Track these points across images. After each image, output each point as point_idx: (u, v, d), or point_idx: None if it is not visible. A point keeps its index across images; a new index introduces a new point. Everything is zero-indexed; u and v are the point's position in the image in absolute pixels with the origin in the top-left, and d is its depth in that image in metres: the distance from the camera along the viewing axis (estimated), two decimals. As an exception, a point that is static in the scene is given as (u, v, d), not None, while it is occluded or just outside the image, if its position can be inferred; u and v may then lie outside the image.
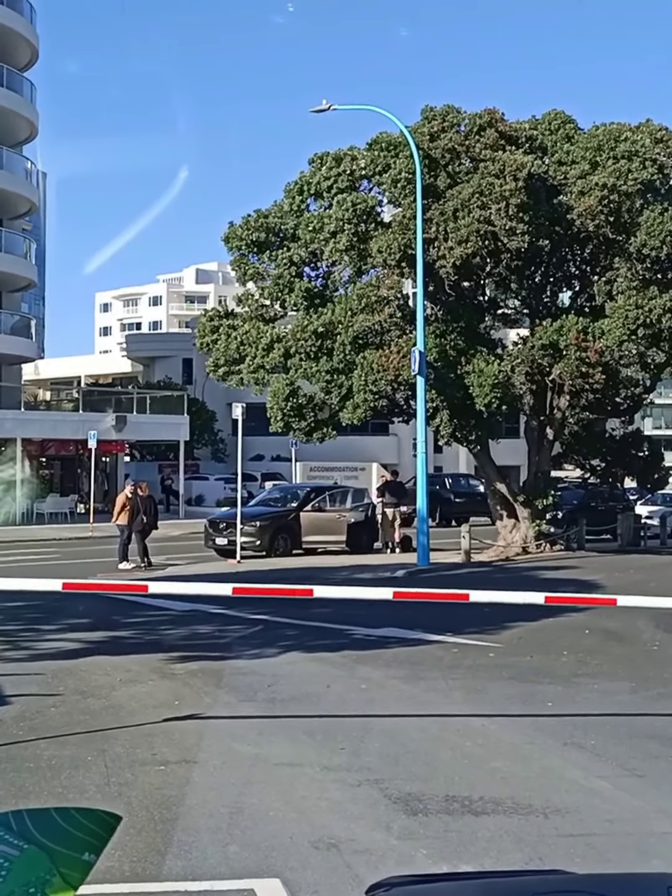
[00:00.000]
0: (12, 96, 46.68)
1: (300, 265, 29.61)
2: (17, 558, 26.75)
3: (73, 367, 71.90)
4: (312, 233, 28.66)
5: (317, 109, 26.98)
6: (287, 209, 29.75)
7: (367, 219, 28.28)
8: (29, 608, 16.45)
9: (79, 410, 46.52)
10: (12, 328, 49.39)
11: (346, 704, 10.42)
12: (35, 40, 49.14)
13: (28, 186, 49.86)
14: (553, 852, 6.25)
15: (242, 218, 29.87)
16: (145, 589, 9.68)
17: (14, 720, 9.63)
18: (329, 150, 29.73)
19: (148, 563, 24.63)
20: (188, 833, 6.56)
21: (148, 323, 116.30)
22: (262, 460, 55.35)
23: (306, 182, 29.49)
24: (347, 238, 27.84)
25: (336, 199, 28.45)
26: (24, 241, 50.80)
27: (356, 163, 29.24)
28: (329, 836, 6.47)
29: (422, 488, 26.10)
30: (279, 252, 29.47)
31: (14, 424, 41.92)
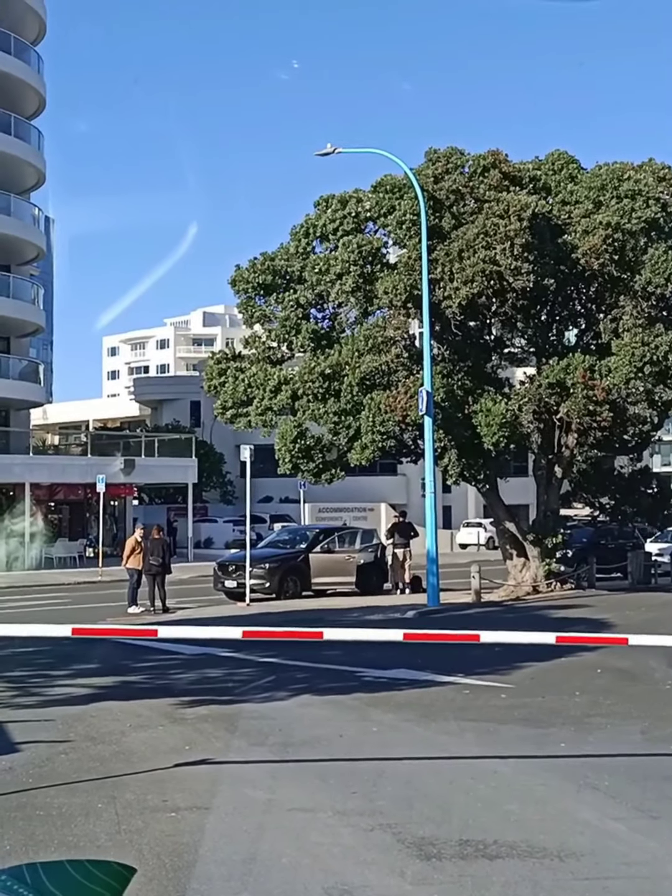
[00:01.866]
0: (20, 144, 47.13)
1: (307, 307, 29.74)
2: (27, 604, 26.72)
3: (81, 411, 72.12)
4: (318, 275, 28.81)
5: (322, 153, 27.19)
6: (293, 252, 29.92)
7: (373, 260, 28.44)
8: (39, 654, 16.41)
9: (87, 454, 46.64)
10: (20, 373, 49.58)
11: (359, 748, 10.35)
12: (42, 89, 49.65)
13: (36, 233, 50.21)
14: (569, 897, 6.19)
15: (249, 261, 30.04)
16: (155, 633, 9.65)
17: (24, 768, 9.58)
18: (334, 193, 29.96)
19: (164, 609, 24.47)
20: (200, 881, 6.51)
21: (155, 366, 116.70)
22: (271, 502, 55.35)
23: (312, 225, 29.69)
24: (353, 279, 27.98)
25: (342, 241, 28.63)
26: (31, 287, 51.10)
27: (361, 205, 29.46)
28: (342, 883, 6.40)
29: (431, 528, 26.03)
30: (286, 294, 29.62)
31: (23, 469, 42.02)
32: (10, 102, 46.64)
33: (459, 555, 49.41)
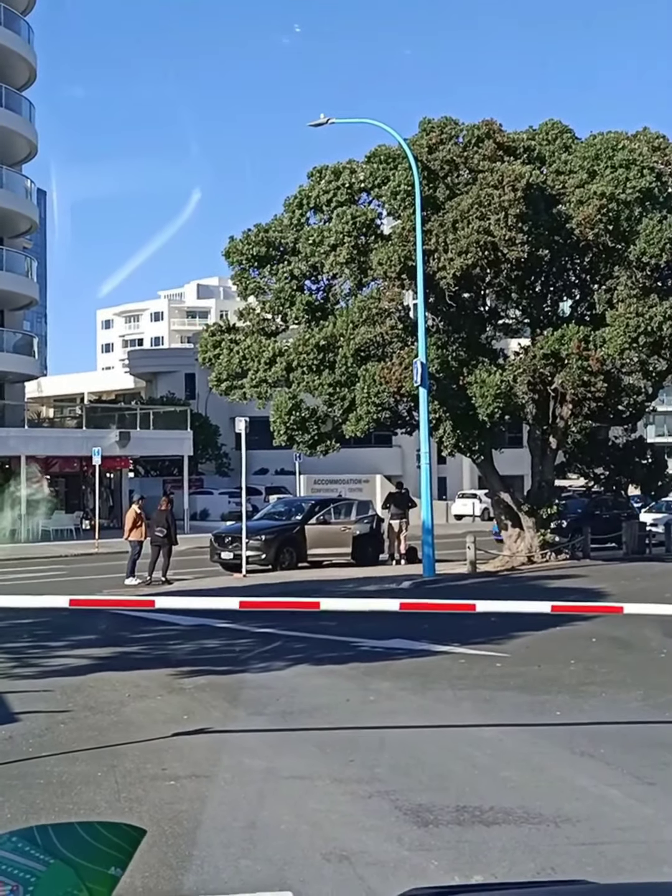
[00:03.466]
0: (11, 116, 46.87)
1: (301, 279, 29.67)
2: (23, 576, 26.77)
3: (76, 384, 72.01)
4: (313, 246, 28.73)
5: (315, 123, 27.07)
6: (287, 223, 29.82)
7: (367, 231, 28.36)
8: (37, 625, 16.47)
9: (82, 427, 46.64)
10: (14, 346, 49.48)
11: (356, 717, 10.42)
12: (33, 60, 49.33)
13: (28, 205, 50.02)
14: (565, 861, 6.26)
15: (243, 233, 29.94)
16: (152, 604, 9.71)
17: (23, 737, 9.64)
18: (328, 164, 29.83)
19: (165, 580, 24.50)
20: (200, 848, 6.57)
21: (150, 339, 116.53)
22: (266, 474, 55.39)
23: (305, 196, 29.57)
24: (347, 251, 27.91)
25: (336, 213, 28.54)
26: (24, 260, 50.94)
27: (355, 176, 29.34)
28: (341, 849, 6.47)
29: (426, 500, 26.09)
30: (280, 266, 29.54)
31: (18, 442, 42.01)
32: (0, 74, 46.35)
33: (455, 526, 49.55)
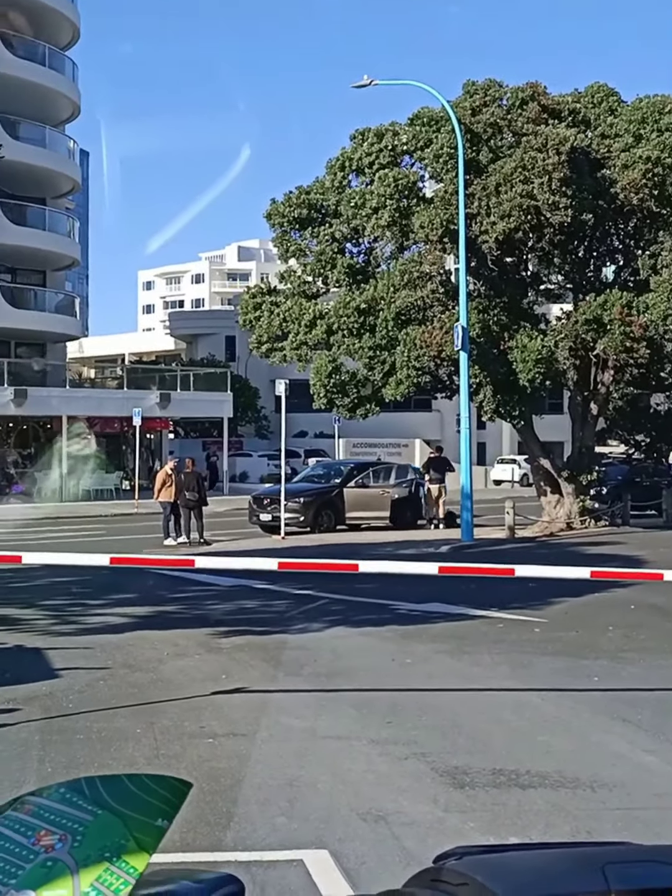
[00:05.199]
0: (54, 75, 46.79)
1: (342, 241, 29.56)
2: (64, 534, 27.01)
3: (117, 344, 72.32)
4: (354, 209, 28.59)
5: (358, 85, 26.86)
6: (329, 185, 29.68)
7: (409, 194, 28.18)
8: (76, 583, 16.64)
9: (123, 388, 46.82)
10: (56, 307, 49.66)
11: (393, 679, 10.47)
12: (76, 19, 49.17)
13: (71, 165, 50.03)
14: (601, 826, 6.27)
15: (284, 195, 29.83)
16: (192, 564, 9.78)
17: (63, 693, 9.76)
18: (370, 126, 29.63)
19: (202, 541, 24.70)
20: (237, 805, 6.64)
21: (190, 300, 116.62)
22: (306, 437, 55.45)
23: (348, 158, 29.40)
24: (389, 214, 27.75)
25: (378, 175, 28.36)
26: (67, 220, 51.02)
27: (398, 138, 29.13)
28: (377, 809, 6.52)
29: (465, 464, 26.05)
30: (321, 228, 29.44)
31: (60, 402, 42.28)
32: (43, 33, 46.29)
33: (493, 491, 49.41)
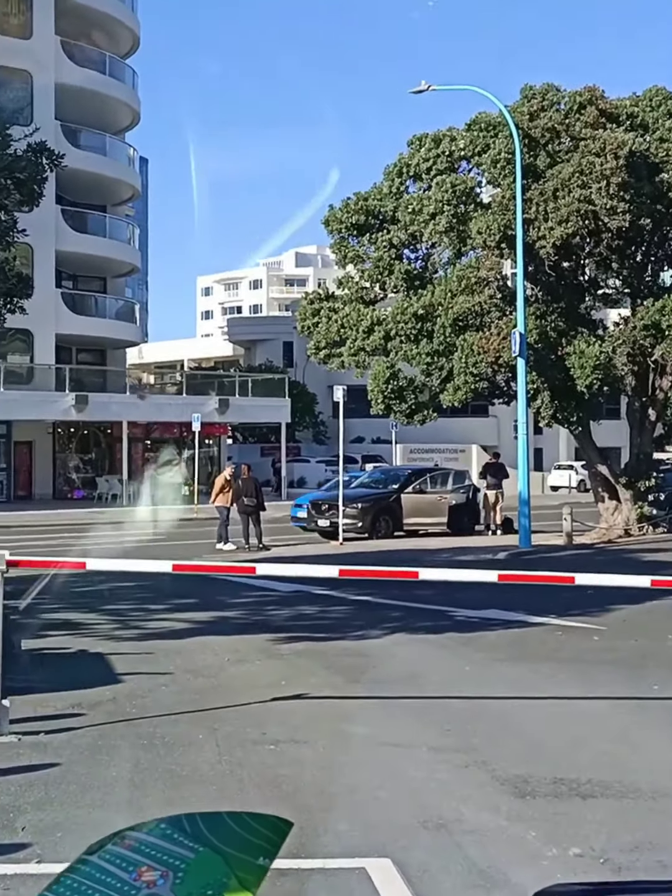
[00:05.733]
0: (114, 83, 47.36)
1: (400, 247, 29.61)
2: (124, 539, 27.28)
3: (176, 350, 72.86)
4: (412, 215, 28.63)
5: (416, 90, 26.94)
6: (386, 191, 29.74)
7: (467, 200, 28.18)
8: (138, 588, 16.82)
9: (182, 394, 47.21)
10: (117, 313, 50.22)
11: (452, 686, 10.50)
12: (136, 27, 49.71)
13: (131, 173, 50.58)
14: (663, 836, 6.27)
15: (342, 201, 29.95)
16: (253, 571, 9.89)
17: (127, 698, 9.90)
18: (428, 132, 29.66)
19: (261, 546, 24.85)
20: (300, 811, 6.70)
21: (248, 306, 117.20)
22: (363, 442, 55.52)
23: (405, 164, 29.46)
24: (447, 219, 27.77)
25: (435, 181, 28.39)
26: (127, 227, 51.57)
27: (455, 143, 29.13)
28: (438, 817, 6.56)
29: (523, 470, 25.99)
30: (379, 235, 29.51)
31: (120, 408, 42.73)
32: (103, 41, 46.85)
33: (550, 497, 49.17)
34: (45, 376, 43.06)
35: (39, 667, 11.23)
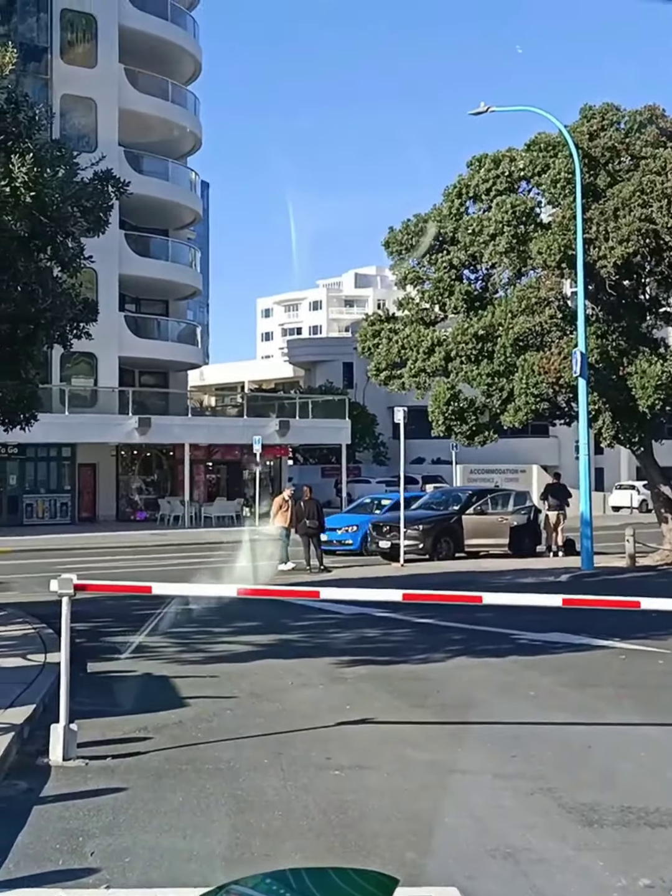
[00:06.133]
0: (177, 109, 47.92)
1: (460, 268, 29.60)
2: (187, 560, 27.50)
3: (237, 372, 73.32)
4: (472, 235, 28.62)
5: (475, 112, 26.98)
6: (446, 212, 29.76)
7: (527, 220, 28.12)
8: (202, 610, 16.91)
9: (243, 416, 47.48)
10: (179, 335, 50.69)
11: (517, 711, 10.45)
12: (198, 54, 50.33)
13: (192, 197, 51.11)
14: (733, 867, 6.20)
15: (402, 223, 30.03)
16: (317, 595, 9.93)
17: (192, 722, 9.96)
18: (487, 153, 29.67)
19: (321, 568, 24.89)
20: (365, 838, 6.71)
21: (308, 327, 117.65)
22: (423, 463, 55.46)
23: (465, 185, 29.47)
24: (507, 240, 27.72)
25: (495, 201, 28.37)
26: (189, 251, 52.08)
27: (514, 164, 29.09)
28: (505, 845, 6.53)
29: (585, 491, 25.81)
30: (439, 255, 29.53)
31: (182, 430, 43.07)
32: (166, 68, 47.45)
33: (612, 517, 48.77)
34: (109, 399, 43.55)
35: (106, 690, 11.35)
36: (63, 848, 6.52)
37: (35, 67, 42.36)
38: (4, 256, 13.63)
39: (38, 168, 13.35)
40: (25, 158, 13.23)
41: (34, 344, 15.45)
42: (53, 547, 31.92)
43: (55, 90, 42.27)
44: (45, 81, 42.63)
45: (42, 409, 18.05)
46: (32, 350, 15.65)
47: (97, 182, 15.34)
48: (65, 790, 7.75)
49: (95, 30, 44.45)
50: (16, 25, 42.38)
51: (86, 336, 15.97)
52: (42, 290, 14.42)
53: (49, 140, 16.03)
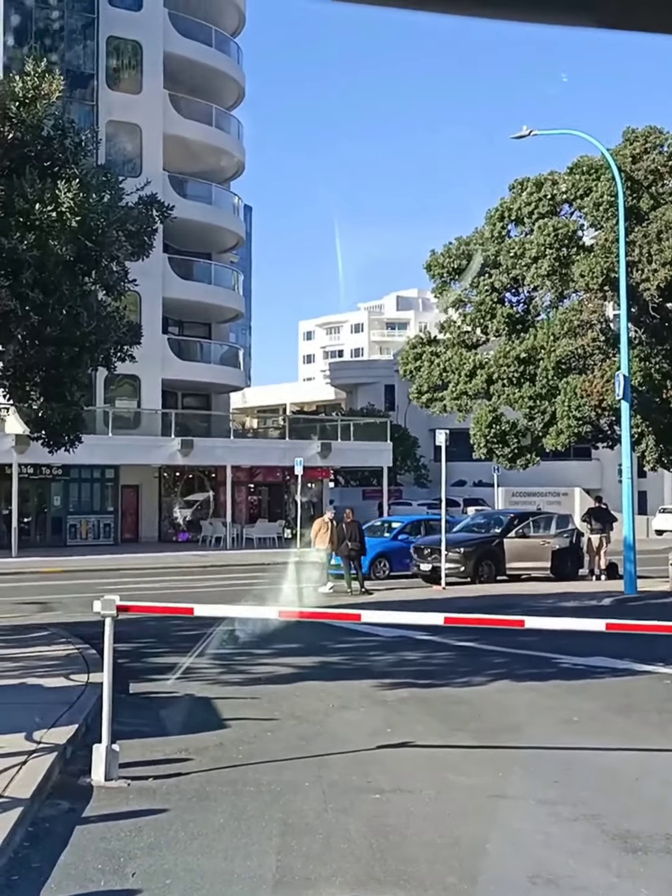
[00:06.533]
0: (221, 134, 48.35)
1: (501, 291, 29.66)
2: (228, 582, 27.56)
3: (279, 394, 73.57)
4: (514, 259, 28.67)
5: (518, 136, 26.98)
6: (488, 236, 29.85)
7: (569, 243, 28.13)
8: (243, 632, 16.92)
9: (285, 438, 47.59)
10: (221, 358, 50.96)
11: (559, 737, 10.37)
12: (241, 79, 50.76)
13: (235, 221, 51.44)
14: None
15: (444, 246, 30.13)
16: (358, 618, 9.92)
17: (233, 744, 9.96)
18: (529, 176, 29.71)
19: (363, 590, 24.87)
20: (406, 863, 6.68)
21: (350, 350, 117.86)
22: (464, 486, 55.34)
23: (507, 208, 29.55)
24: (549, 263, 27.75)
25: (537, 225, 28.41)
26: (231, 274, 52.38)
27: (557, 187, 29.15)
28: (547, 872, 6.48)
29: (628, 515, 25.63)
30: (481, 279, 29.58)
31: (224, 452, 43.23)
32: (210, 94, 47.91)
33: (655, 541, 48.36)
34: (152, 421, 43.81)
35: (147, 711, 11.39)
36: (105, 868, 6.54)
37: (81, 94, 42.92)
38: (50, 280, 13.78)
39: (84, 193, 13.52)
40: (72, 184, 13.39)
41: (79, 366, 15.59)
42: (96, 568, 32.11)
43: (101, 116, 42.74)
44: (90, 108, 43.14)
45: (86, 430, 18.18)
46: (77, 372, 15.79)
47: (142, 206, 15.51)
48: (107, 810, 7.77)
49: (141, 56, 44.95)
50: (63, 53, 42.92)
51: (130, 359, 16.10)
52: (87, 313, 14.56)
53: (95, 165, 16.21)
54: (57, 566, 32.61)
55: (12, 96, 13.98)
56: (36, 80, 14.05)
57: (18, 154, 14.01)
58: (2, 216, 13.40)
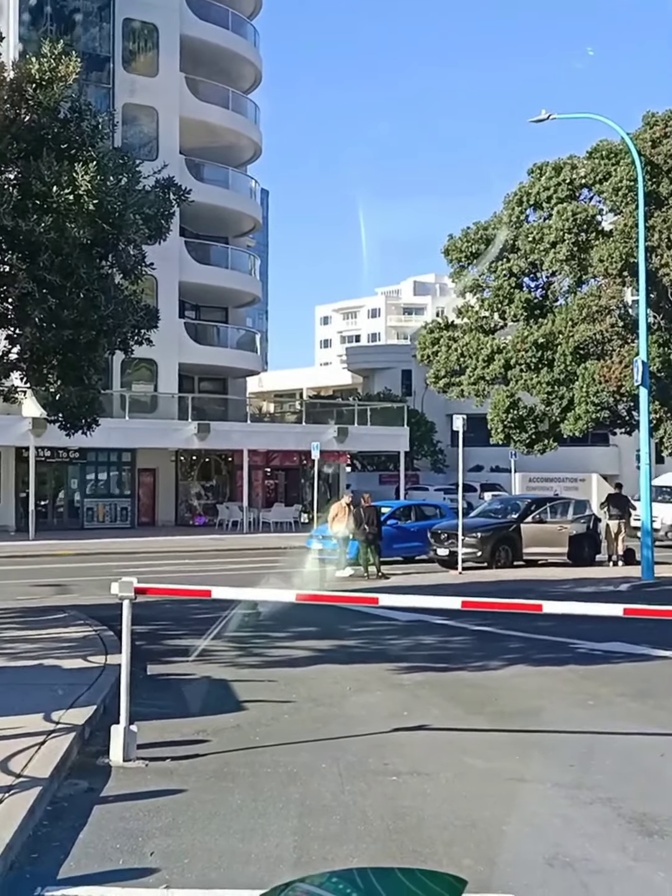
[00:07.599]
0: (238, 118, 48.25)
1: (519, 276, 29.58)
2: (245, 566, 27.59)
3: (295, 379, 73.60)
4: (532, 243, 28.57)
5: (536, 119, 26.82)
6: (506, 220, 29.74)
7: (588, 228, 28.02)
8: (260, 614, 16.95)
9: (301, 422, 47.59)
10: (238, 342, 50.95)
11: (575, 721, 10.38)
12: (258, 62, 50.63)
13: (252, 205, 51.38)
14: None
15: (462, 230, 30.05)
16: (376, 602, 9.92)
17: (251, 726, 10.00)
18: (548, 160, 29.58)
19: (380, 575, 24.89)
20: (423, 844, 6.70)
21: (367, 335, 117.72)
22: (481, 471, 55.26)
23: (525, 192, 29.43)
24: (568, 248, 27.65)
25: (556, 209, 28.30)
26: (248, 258, 52.33)
27: (576, 171, 29.02)
28: (563, 854, 6.49)
29: (646, 501, 25.56)
30: (499, 263, 29.49)
31: (241, 436, 43.25)
32: (227, 77, 47.80)
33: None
34: (169, 405, 43.85)
35: (165, 692, 11.43)
36: (123, 847, 6.58)
37: (98, 77, 42.86)
38: (67, 263, 13.78)
39: (101, 176, 13.50)
40: (88, 166, 13.38)
41: (96, 350, 15.59)
42: (113, 551, 32.19)
43: (117, 99, 42.70)
44: (107, 90, 43.09)
45: (103, 414, 18.20)
46: (94, 356, 15.79)
47: (159, 190, 15.49)
48: (125, 790, 7.82)
49: (157, 39, 44.87)
50: (79, 35, 42.86)
51: (147, 342, 16.10)
52: (104, 296, 14.56)
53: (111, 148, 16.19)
54: (73, 549, 32.73)
55: (29, 78, 13.97)
56: (53, 62, 14.02)
57: (35, 136, 13.99)
58: (19, 199, 13.39)
